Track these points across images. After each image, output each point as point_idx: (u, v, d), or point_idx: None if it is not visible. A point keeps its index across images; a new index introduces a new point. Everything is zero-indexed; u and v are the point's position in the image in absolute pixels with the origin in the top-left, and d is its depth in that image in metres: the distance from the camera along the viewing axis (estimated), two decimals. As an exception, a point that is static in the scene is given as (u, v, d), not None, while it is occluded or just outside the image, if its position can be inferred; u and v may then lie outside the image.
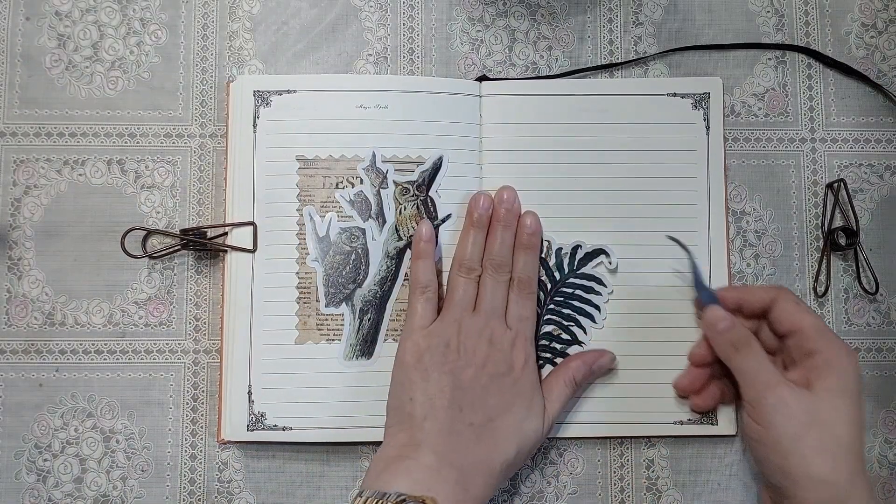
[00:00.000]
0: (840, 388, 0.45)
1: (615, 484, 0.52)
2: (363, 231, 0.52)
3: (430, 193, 0.52)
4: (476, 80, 0.54)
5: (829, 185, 0.54)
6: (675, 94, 0.53)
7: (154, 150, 0.53)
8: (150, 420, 0.51)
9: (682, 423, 0.51)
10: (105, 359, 0.51)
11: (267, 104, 0.52)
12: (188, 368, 0.52)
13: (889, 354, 0.53)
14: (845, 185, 0.53)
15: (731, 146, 0.54)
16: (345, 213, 0.52)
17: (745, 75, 0.55)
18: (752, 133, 0.54)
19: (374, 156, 0.52)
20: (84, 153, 0.53)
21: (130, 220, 0.52)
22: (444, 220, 0.52)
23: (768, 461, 0.45)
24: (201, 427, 0.51)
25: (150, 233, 0.52)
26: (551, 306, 0.52)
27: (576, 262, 0.52)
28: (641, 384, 0.51)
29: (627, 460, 0.52)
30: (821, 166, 0.54)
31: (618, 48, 0.55)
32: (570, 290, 0.52)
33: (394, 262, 0.51)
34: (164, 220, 0.53)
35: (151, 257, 0.51)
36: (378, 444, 0.51)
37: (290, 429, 0.50)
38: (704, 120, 0.53)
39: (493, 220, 0.51)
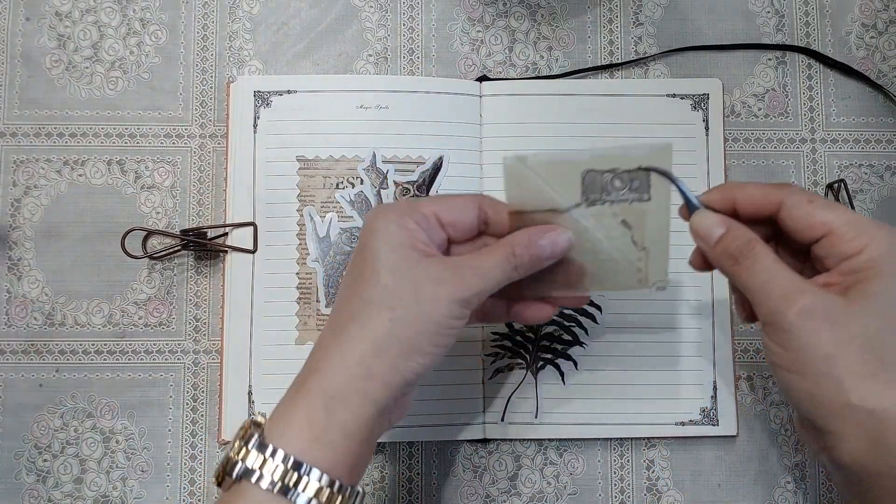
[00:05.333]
0: (891, 288, 0.34)
1: (615, 485, 0.51)
2: (363, 231, 0.52)
3: (430, 194, 0.52)
4: (476, 80, 0.54)
5: (830, 186, 0.54)
6: (674, 95, 0.53)
7: (154, 150, 0.53)
8: (150, 420, 0.51)
9: (682, 423, 0.51)
10: (105, 359, 0.51)
11: (267, 105, 0.52)
12: (188, 369, 0.52)
13: (889, 355, 0.53)
14: (846, 185, 0.53)
15: (731, 146, 0.54)
16: (345, 214, 0.52)
17: (745, 76, 0.55)
18: (753, 133, 0.54)
19: (374, 156, 0.52)
20: (84, 153, 0.53)
21: (130, 221, 0.52)
22: (444, 221, 0.52)
23: (797, 390, 0.35)
24: (201, 427, 0.51)
25: (150, 233, 0.52)
26: (551, 307, 0.52)
27: (576, 263, 0.52)
28: (642, 384, 0.51)
29: (627, 461, 0.52)
30: (821, 167, 0.54)
31: (618, 48, 0.55)
32: (570, 291, 0.52)
33: (394, 262, 0.51)
34: (164, 220, 0.53)
35: (151, 258, 0.51)
36: (378, 444, 0.51)
37: (291, 429, 0.50)
38: (704, 121, 0.53)
39: None
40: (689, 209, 0.40)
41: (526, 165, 0.40)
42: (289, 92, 0.52)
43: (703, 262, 0.41)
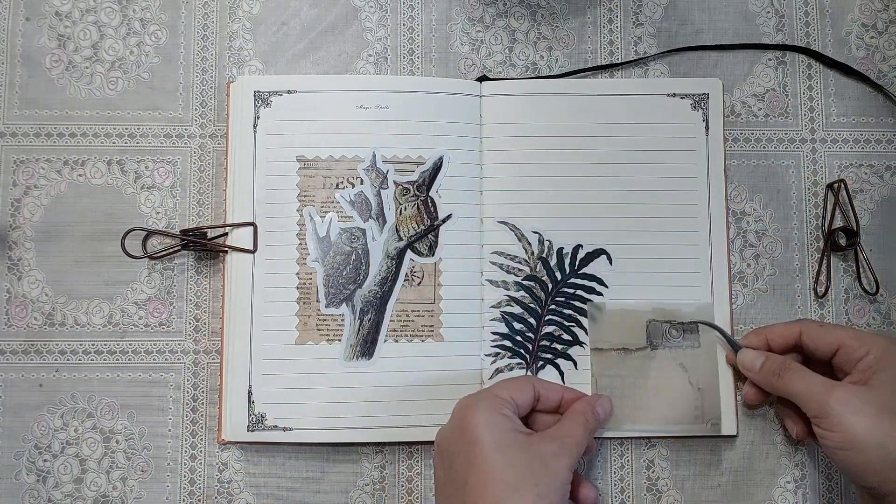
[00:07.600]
0: (894, 373, 0.45)
1: (615, 484, 0.51)
2: (363, 231, 0.52)
3: (430, 194, 0.52)
4: (476, 80, 0.54)
5: (830, 186, 0.54)
6: (674, 95, 0.53)
7: (154, 150, 0.53)
8: (150, 420, 0.51)
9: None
10: (105, 359, 0.51)
11: (267, 104, 0.52)
12: (188, 369, 0.52)
13: (889, 355, 0.53)
14: (845, 185, 0.53)
15: (731, 146, 0.54)
16: (345, 214, 0.52)
17: (745, 76, 0.55)
18: (753, 133, 0.54)
19: (374, 156, 0.52)
20: (84, 153, 0.53)
21: (130, 221, 0.52)
22: (444, 221, 0.52)
23: (854, 464, 0.44)
24: (201, 427, 0.51)
25: (150, 233, 0.52)
26: (552, 307, 0.52)
27: (577, 263, 0.52)
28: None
29: (627, 461, 0.52)
30: (821, 167, 0.54)
31: (618, 48, 0.55)
32: (571, 291, 0.52)
33: (394, 262, 0.51)
34: (164, 220, 0.53)
35: (151, 258, 0.51)
36: (378, 444, 0.51)
37: (291, 429, 0.50)
38: (704, 121, 0.53)
39: None
40: (734, 351, 0.50)
41: (603, 311, 0.51)
42: (289, 92, 0.52)
43: (755, 394, 0.50)
